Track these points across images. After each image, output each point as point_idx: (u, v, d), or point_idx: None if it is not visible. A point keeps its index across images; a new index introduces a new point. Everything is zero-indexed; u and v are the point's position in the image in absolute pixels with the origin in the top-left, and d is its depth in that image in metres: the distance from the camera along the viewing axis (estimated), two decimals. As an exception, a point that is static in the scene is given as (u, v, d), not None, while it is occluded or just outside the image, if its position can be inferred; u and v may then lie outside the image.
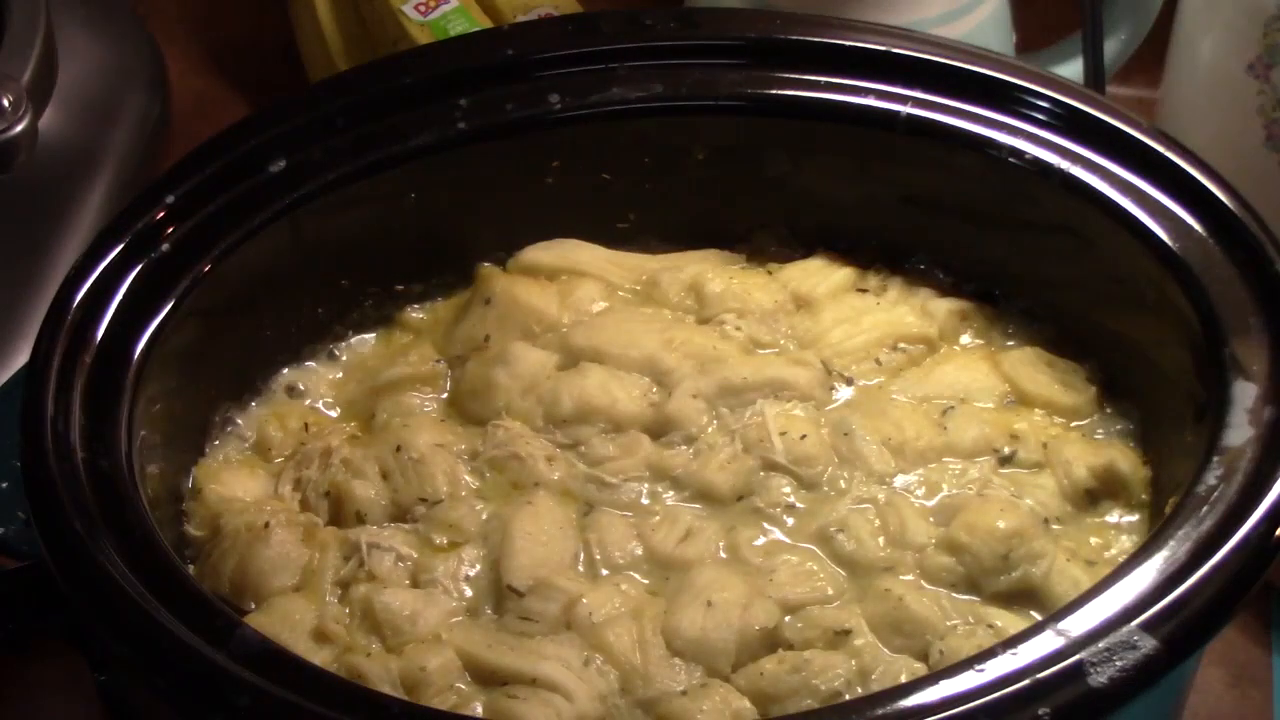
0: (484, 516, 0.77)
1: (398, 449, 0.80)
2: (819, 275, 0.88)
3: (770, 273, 0.88)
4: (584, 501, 0.78)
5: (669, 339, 0.83)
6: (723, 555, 0.76)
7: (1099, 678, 0.63)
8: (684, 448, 0.80)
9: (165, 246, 0.79)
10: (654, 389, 0.82)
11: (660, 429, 0.81)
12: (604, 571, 0.76)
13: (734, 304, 0.85)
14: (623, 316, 0.85)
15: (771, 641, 0.73)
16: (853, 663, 0.71)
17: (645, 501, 0.78)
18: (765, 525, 0.78)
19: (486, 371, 0.83)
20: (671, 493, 0.79)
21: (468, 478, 0.79)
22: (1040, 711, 0.62)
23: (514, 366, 0.82)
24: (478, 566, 0.76)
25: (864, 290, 0.87)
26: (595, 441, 0.80)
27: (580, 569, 0.76)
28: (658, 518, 0.77)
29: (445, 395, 0.84)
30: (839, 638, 0.72)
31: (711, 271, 0.87)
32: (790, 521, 0.78)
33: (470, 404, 0.83)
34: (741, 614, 0.73)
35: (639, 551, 0.76)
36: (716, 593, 0.73)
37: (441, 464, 0.79)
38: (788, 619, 0.73)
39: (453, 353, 0.85)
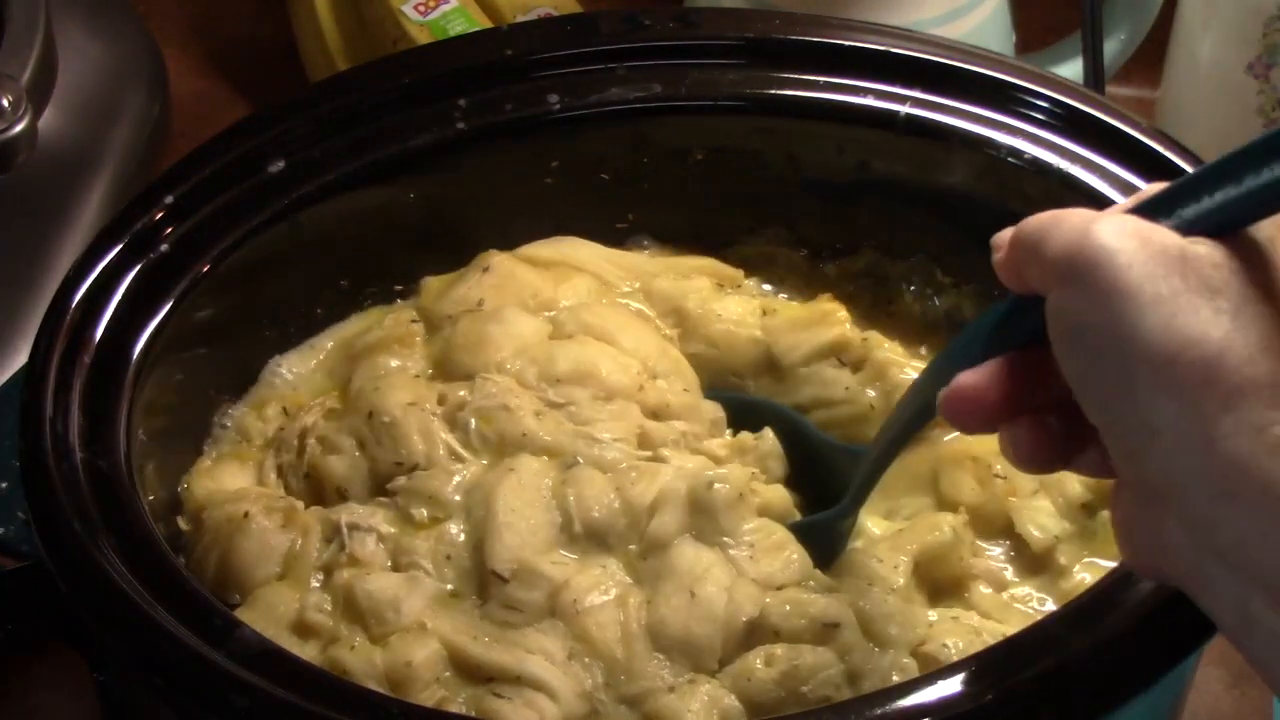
0: (465, 486, 0.76)
1: (370, 415, 0.79)
2: (805, 333, 0.85)
3: (765, 313, 0.86)
4: (571, 454, 0.77)
5: (662, 347, 0.83)
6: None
7: (1099, 677, 0.63)
8: (678, 423, 0.80)
9: (164, 247, 0.79)
10: (649, 377, 0.81)
11: (653, 413, 0.80)
12: (578, 527, 0.74)
13: (716, 336, 0.85)
14: (620, 310, 0.85)
15: (758, 628, 0.72)
16: (842, 664, 0.71)
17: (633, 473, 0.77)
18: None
19: (481, 327, 0.81)
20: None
21: (445, 435, 0.78)
22: (1040, 711, 0.62)
23: (509, 326, 0.81)
24: (461, 540, 0.75)
25: (842, 364, 0.85)
26: (586, 403, 0.79)
27: (560, 533, 0.75)
28: (636, 473, 0.76)
29: (425, 354, 0.83)
30: (827, 630, 0.72)
31: (701, 294, 0.86)
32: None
33: (461, 357, 0.81)
34: (726, 604, 0.72)
35: (616, 505, 0.75)
36: (699, 582, 0.72)
37: (416, 424, 0.78)
38: (769, 599, 0.73)
39: (443, 313, 0.84)
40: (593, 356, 0.81)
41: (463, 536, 0.75)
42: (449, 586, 0.74)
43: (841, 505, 0.77)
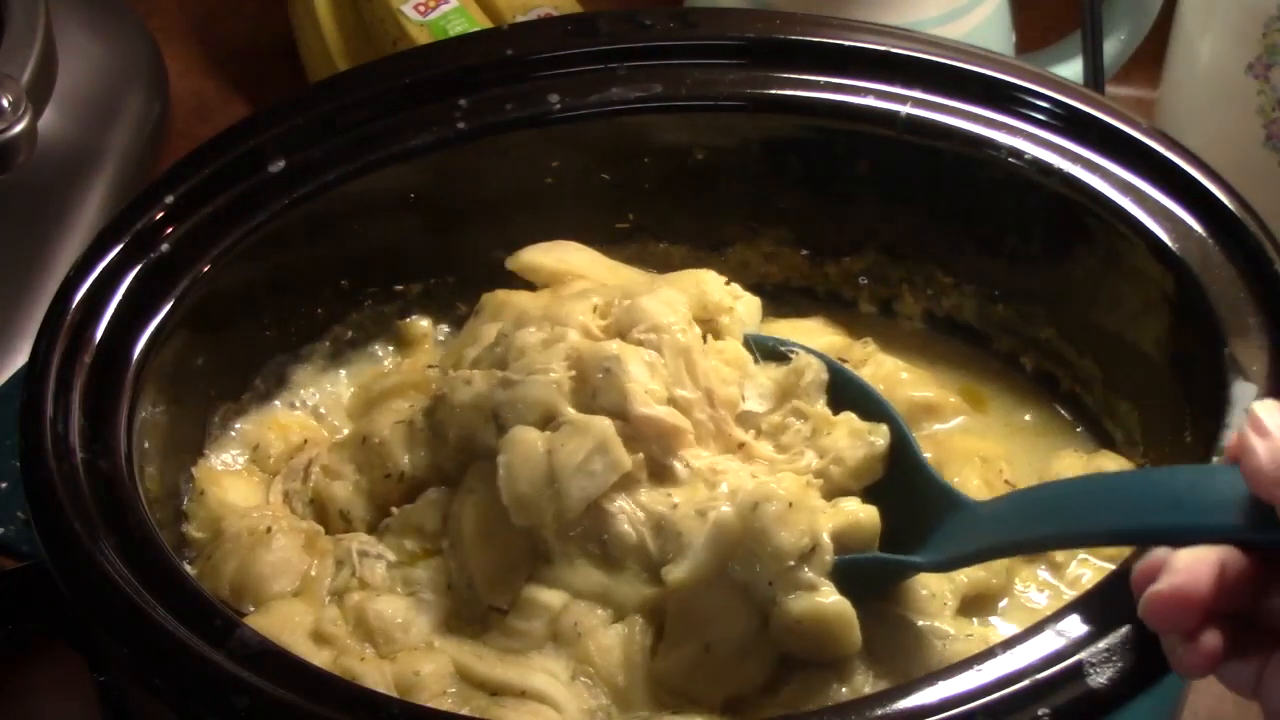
0: (445, 513, 0.76)
1: (364, 440, 0.80)
2: (805, 338, 0.84)
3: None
4: (490, 407, 0.75)
5: (628, 273, 0.83)
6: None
7: (1099, 678, 0.63)
8: (638, 330, 0.76)
9: (165, 246, 0.79)
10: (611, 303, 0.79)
11: (618, 333, 0.77)
12: (505, 498, 0.72)
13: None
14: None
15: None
16: (844, 690, 0.71)
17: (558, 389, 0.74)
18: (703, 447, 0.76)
19: (459, 357, 0.82)
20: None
21: (424, 451, 0.78)
22: (1040, 712, 0.62)
23: (479, 342, 0.81)
24: (456, 569, 0.75)
25: (844, 362, 0.83)
26: (521, 334, 0.76)
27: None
28: (569, 430, 0.73)
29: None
30: (836, 660, 0.72)
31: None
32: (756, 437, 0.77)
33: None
34: (739, 666, 0.71)
35: (541, 471, 0.72)
36: (718, 638, 0.71)
37: (400, 439, 0.79)
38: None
39: (447, 366, 0.84)
40: (543, 304, 0.79)
41: (456, 566, 0.75)
42: (454, 611, 0.74)
43: (931, 561, 0.71)
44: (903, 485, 0.75)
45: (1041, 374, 0.87)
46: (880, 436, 0.75)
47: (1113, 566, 0.71)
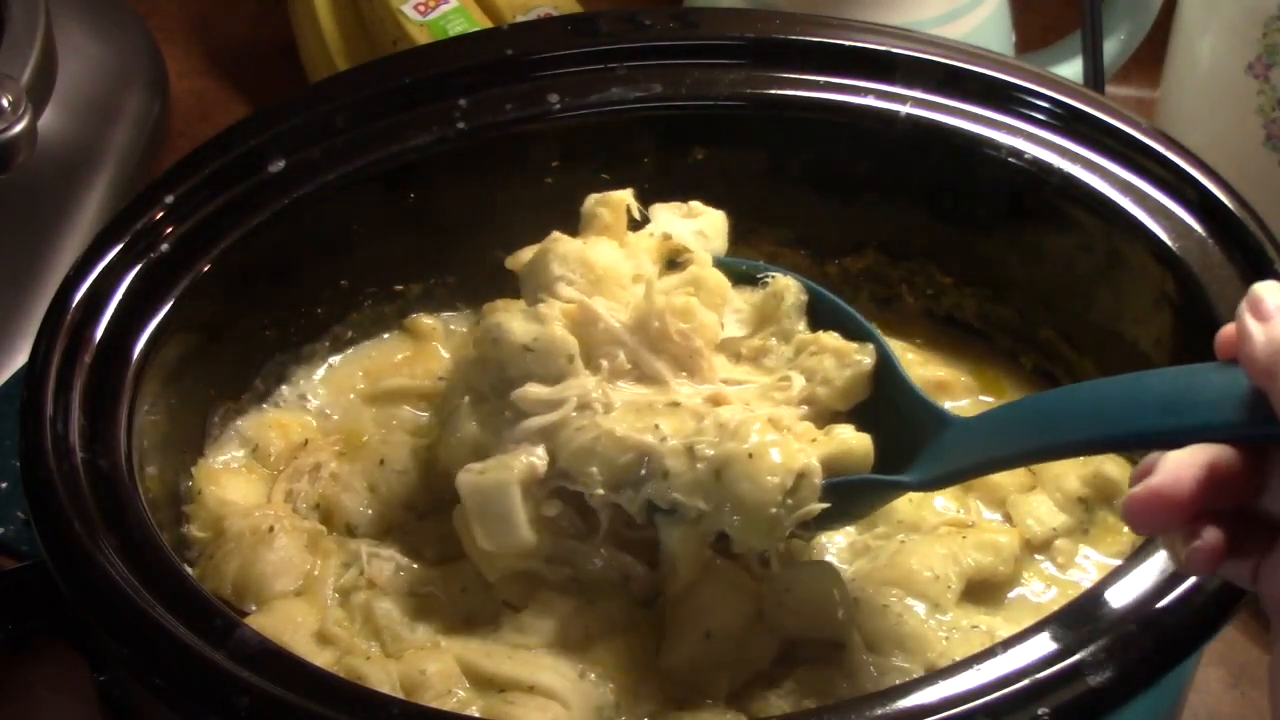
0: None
1: (381, 462, 0.80)
2: None
3: None
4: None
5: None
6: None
7: (1099, 678, 0.63)
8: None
9: (165, 246, 0.79)
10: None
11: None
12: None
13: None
14: None
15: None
16: (846, 683, 0.71)
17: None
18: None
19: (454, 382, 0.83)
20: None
21: (441, 485, 0.79)
22: (1040, 711, 0.62)
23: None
24: (473, 573, 0.76)
25: None
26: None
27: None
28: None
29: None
30: (834, 651, 0.72)
31: None
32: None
33: None
34: (740, 653, 0.72)
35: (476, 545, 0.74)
36: (717, 625, 0.72)
37: (422, 476, 0.79)
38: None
39: (455, 381, 0.85)
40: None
41: (476, 570, 0.75)
42: (464, 612, 0.75)
43: (919, 480, 0.70)
44: (889, 405, 0.74)
45: (1041, 373, 0.87)
46: (867, 355, 0.75)
47: (1117, 562, 0.72)
